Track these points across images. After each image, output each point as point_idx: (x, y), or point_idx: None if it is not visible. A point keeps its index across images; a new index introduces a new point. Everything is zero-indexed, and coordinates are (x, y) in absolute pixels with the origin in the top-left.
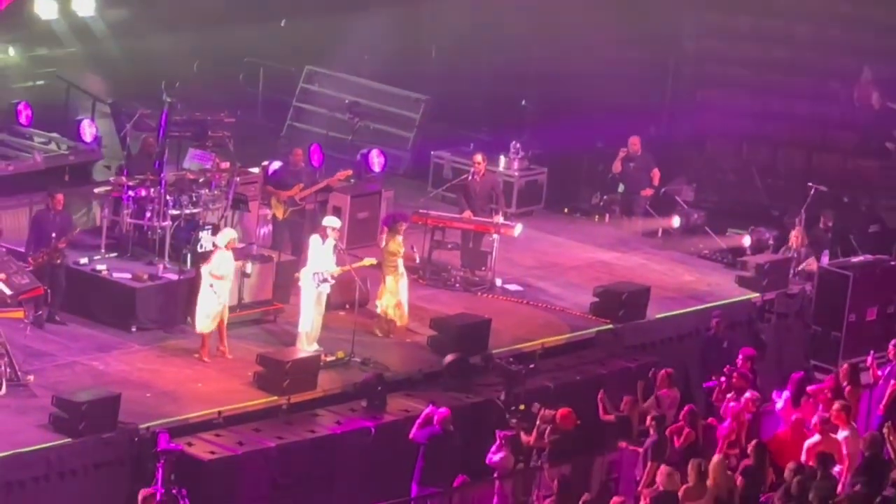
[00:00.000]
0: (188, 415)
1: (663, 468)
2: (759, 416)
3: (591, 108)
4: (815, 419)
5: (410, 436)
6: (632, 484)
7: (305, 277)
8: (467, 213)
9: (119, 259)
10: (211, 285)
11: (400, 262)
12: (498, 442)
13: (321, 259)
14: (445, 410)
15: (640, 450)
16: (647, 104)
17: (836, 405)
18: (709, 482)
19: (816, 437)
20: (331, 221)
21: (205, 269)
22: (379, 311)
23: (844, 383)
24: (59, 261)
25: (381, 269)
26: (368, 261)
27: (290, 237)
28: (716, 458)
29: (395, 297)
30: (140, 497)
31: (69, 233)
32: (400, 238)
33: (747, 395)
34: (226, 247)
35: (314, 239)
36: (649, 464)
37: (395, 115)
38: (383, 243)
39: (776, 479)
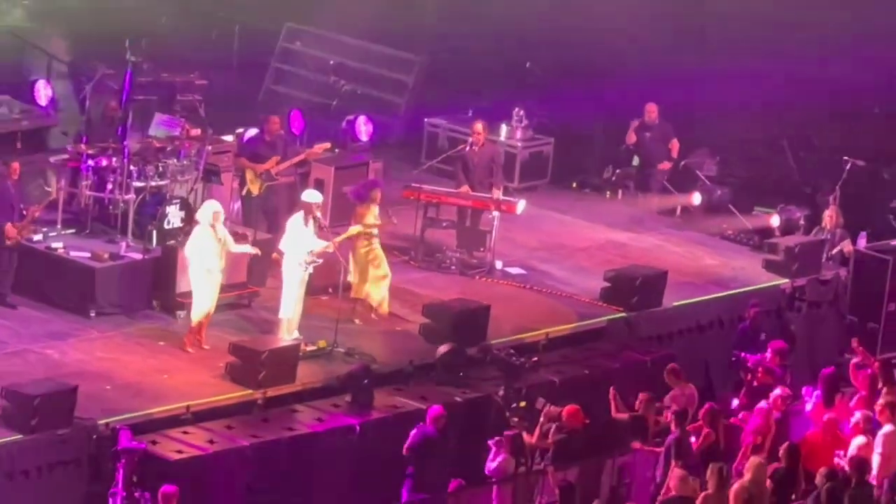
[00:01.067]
0: (152, 409)
1: (677, 471)
2: (788, 415)
3: (603, 72)
4: (856, 418)
5: (404, 449)
6: (646, 489)
7: (290, 262)
8: (465, 188)
9: (77, 236)
10: (209, 270)
11: (376, 240)
12: (493, 450)
13: (305, 241)
14: (438, 408)
15: (659, 450)
16: (666, 67)
17: (882, 399)
18: (739, 485)
19: (862, 439)
20: (311, 196)
21: (189, 251)
22: (355, 294)
23: (879, 383)
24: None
25: (353, 246)
26: (353, 230)
27: (265, 214)
28: (755, 459)
29: (373, 276)
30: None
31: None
32: (376, 208)
33: (776, 391)
34: (209, 222)
35: (295, 219)
36: (672, 464)
37: (385, 77)
38: (361, 221)
39: (806, 485)
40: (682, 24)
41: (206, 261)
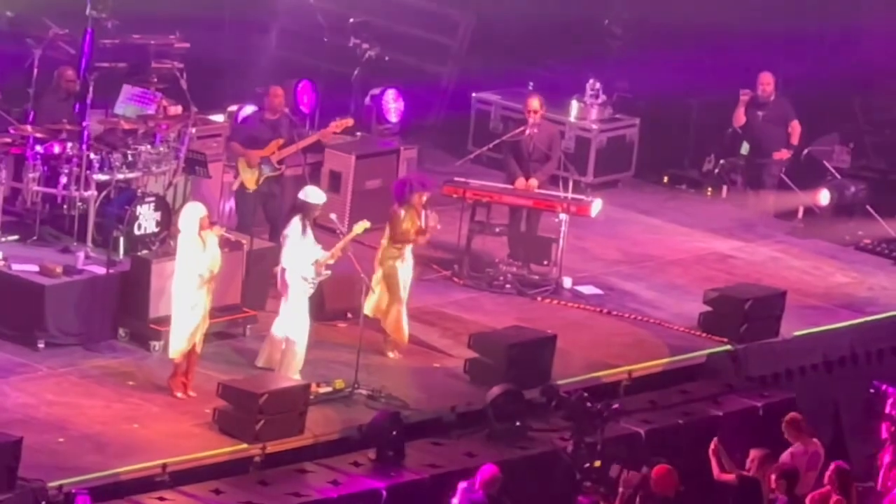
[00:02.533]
0: (119, 469)
1: None
2: None
3: (703, 33)
4: None
5: None
6: None
7: (292, 278)
8: (520, 181)
9: (21, 244)
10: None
11: (409, 252)
12: None
13: (307, 250)
14: (490, 468)
15: None
16: (785, 28)
17: None
18: None
19: None
20: (312, 195)
21: (180, 263)
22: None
23: None
24: None
25: (380, 254)
26: (361, 225)
27: (265, 216)
28: None
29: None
30: None
31: None
32: (414, 215)
33: None
34: (194, 231)
35: (293, 225)
36: None
37: (421, 40)
38: (394, 226)
39: None
40: None
41: (194, 280)
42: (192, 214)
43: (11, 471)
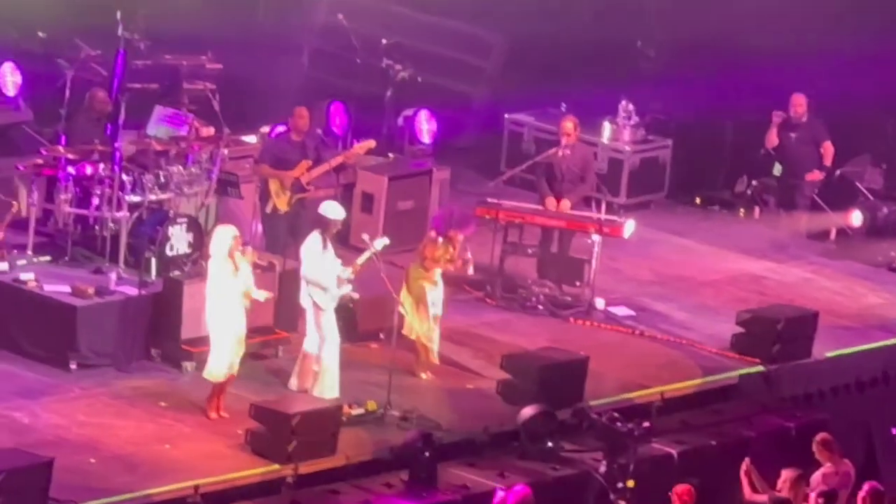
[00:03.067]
0: (150, 490)
1: None
2: None
3: (736, 54)
4: None
5: None
6: None
7: (313, 293)
8: (550, 200)
9: (53, 265)
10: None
11: (438, 271)
12: None
13: (329, 267)
14: (523, 488)
15: None
16: (818, 50)
17: None
18: None
19: None
20: (330, 210)
21: (212, 286)
22: (406, 332)
23: None
24: None
25: (407, 274)
26: (381, 241)
27: (294, 237)
28: None
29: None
30: None
31: None
32: (449, 247)
33: None
34: (227, 254)
35: (311, 241)
36: None
37: (454, 62)
38: (426, 250)
39: None
40: None
41: (228, 303)
42: (223, 237)
43: (43, 492)
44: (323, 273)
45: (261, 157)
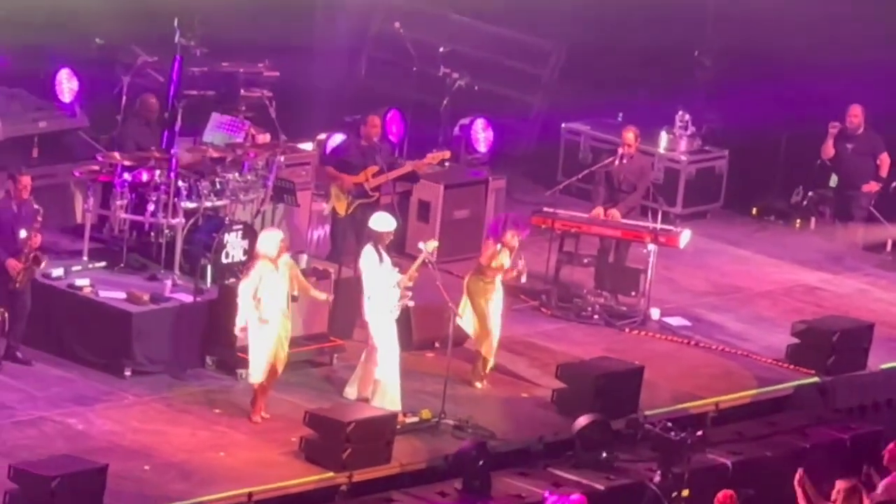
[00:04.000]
0: (204, 497)
1: None
2: None
3: (792, 66)
4: None
5: None
6: None
7: (375, 307)
8: (597, 210)
9: (108, 271)
10: (261, 319)
11: (498, 278)
12: None
13: (385, 276)
14: (578, 498)
15: None
16: (875, 61)
17: None
18: None
19: None
20: (380, 223)
21: (243, 289)
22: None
23: None
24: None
25: (466, 287)
26: (431, 244)
27: (357, 242)
28: None
29: (485, 326)
30: None
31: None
32: (508, 254)
33: None
34: (271, 256)
35: (366, 253)
36: None
37: (511, 70)
38: (485, 259)
39: None
40: None
41: (265, 306)
42: (266, 239)
43: (97, 498)
44: (380, 285)
45: (327, 160)
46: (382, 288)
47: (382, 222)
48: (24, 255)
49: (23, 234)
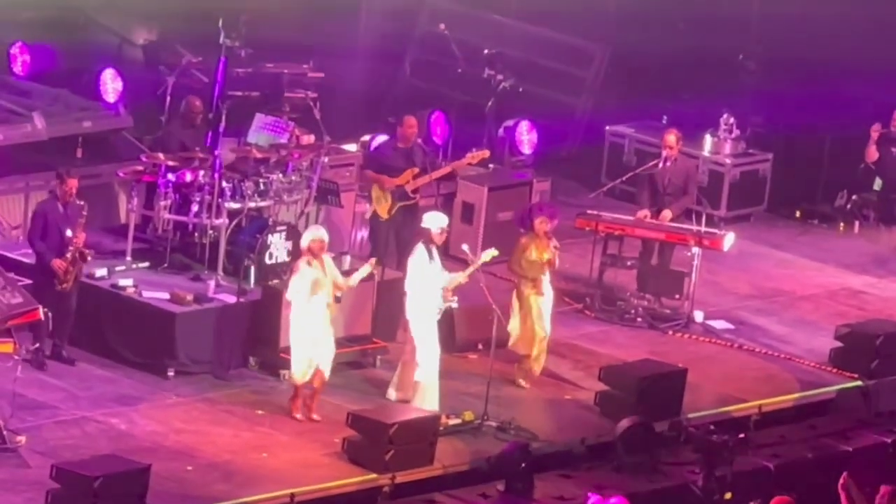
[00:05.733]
0: (246, 498)
1: None
2: None
3: (836, 69)
4: None
5: None
6: None
7: (418, 307)
8: (643, 213)
9: (152, 271)
10: (311, 316)
11: (545, 276)
12: None
13: (434, 277)
14: (620, 500)
15: None
16: None
17: None
18: None
19: None
20: (432, 220)
21: (292, 289)
22: (512, 346)
23: None
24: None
25: (518, 291)
26: (489, 253)
27: (397, 245)
28: None
29: (538, 327)
30: None
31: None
32: (541, 245)
33: None
34: (309, 254)
35: (417, 252)
36: None
37: (556, 72)
38: (516, 251)
39: None
40: None
41: (308, 305)
42: (309, 235)
43: (140, 498)
44: (426, 286)
45: (367, 164)
46: (428, 288)
47: (435, 220)
48: (70, 252)
49: (68, 233)
